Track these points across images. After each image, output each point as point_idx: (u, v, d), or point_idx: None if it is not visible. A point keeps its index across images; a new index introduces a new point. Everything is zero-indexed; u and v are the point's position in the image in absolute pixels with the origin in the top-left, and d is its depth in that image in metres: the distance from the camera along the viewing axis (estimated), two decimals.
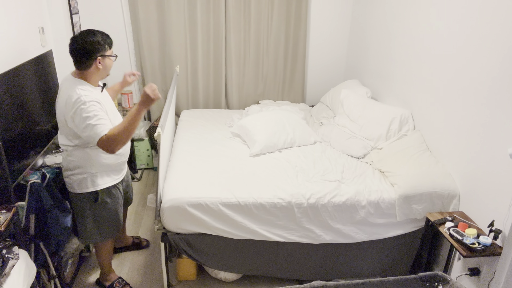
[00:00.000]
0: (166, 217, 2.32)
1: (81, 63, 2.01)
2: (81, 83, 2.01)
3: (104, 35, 2.06)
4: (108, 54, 2.06)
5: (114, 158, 2.20)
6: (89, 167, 2.13)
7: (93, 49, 1.98)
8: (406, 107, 3.04)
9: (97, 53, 2.00)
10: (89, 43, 1.97)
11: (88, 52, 1.97)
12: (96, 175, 2.16)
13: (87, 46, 1.97)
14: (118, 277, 2.56)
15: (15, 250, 1.72)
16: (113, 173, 2.25)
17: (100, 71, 2.06)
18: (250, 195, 2.38)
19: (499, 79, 2.06)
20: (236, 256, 2.49)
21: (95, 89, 2.08)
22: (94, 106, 1.94)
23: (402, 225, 2.49)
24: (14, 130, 2.18)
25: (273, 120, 3.18)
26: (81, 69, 2.03)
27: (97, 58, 2.01)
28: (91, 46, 1.97)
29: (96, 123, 1.93)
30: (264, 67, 4.26)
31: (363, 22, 3.89)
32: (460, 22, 2.40)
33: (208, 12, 3.93)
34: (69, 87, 1.99)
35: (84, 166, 2.13)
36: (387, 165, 2.69)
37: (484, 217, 2.15)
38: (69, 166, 2.14)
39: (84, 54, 1.98)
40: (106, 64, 2.06)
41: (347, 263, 2.58)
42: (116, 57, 2.13)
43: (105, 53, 2.04)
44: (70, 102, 1.94)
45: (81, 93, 1.95)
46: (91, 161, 2.12)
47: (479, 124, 2.21)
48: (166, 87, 4.16)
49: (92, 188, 2.17)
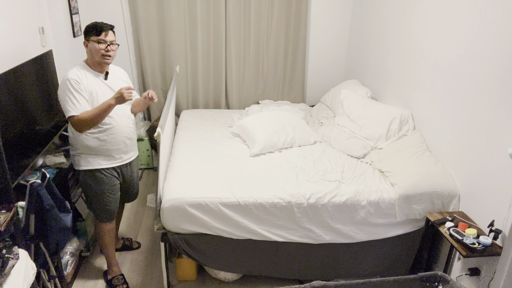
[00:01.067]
0: (166, 217, 2.32)
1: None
2: (81, 65, 2.26)
3: (97, 23, 2.23)
4: (92, 40, 2.21)
5: (97, 142, 2.29)
6: (77, 146, 2.32)
7: (85, 33, 2.23)
8: (406, 107, 3.04)
9: (85, 36, 2.23)
10: (86, 27, 2.24)
11: (85, 33, 2.23)
12: (80, 155, 2.33)
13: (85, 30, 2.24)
14: (120, 274, 2.58)
15: (15, 250, 1.72)
16: (99, 158, 2.33)
17: (91, 54, 2.24)
18: (250, 195, 2.38)
19: (499, 79, 2.06)
20: (236, 256, 2.49)
21: (95, 74, 2.27)
22: (75, 84, 2.15)
23: (402, 225, 2.49)
24: (14, 130, 2.18)
25: (273, 120, 3.18)
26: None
27: (84, 42, 2.24)
28: (85, 30, 2.23)
29: (69, 102, 2.14)
30: (264, 67, 4.26)
31: (363, 22, 3.89)
32: (460, 22, 2.40)
33: (208, 12, 3.93)
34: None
35: (74, 144, 2.33)
36: (387, 165, 2.69)
37: (484, 217, 2.15)
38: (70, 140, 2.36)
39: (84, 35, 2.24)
40: (91, 47, 2.22)
41: (347, 263, 2.58)
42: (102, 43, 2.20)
43: (90, 38, 2.21)
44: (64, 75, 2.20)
45: (72, 70, 2.19)
46: (77, 140, 2.29)
47: (479, 124, 2.21)
48: (166, 87, 4.16)
49: (77, 167, 2.35)
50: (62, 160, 2.59)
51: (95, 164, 2.33)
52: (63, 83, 2.16)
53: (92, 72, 2.25)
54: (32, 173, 2.34)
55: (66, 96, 2.14)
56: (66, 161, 2.59)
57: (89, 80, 2.22)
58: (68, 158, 2.60)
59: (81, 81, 2.17)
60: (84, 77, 2.20)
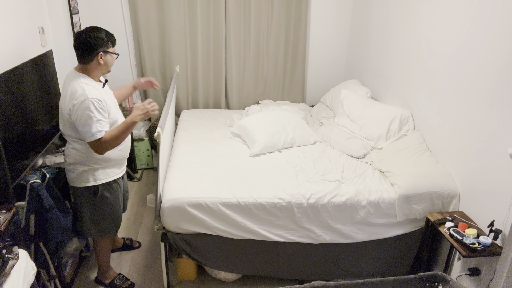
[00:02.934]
0: (166, 217, 2.32)
1: (83, 57, 2.07)
2: (84, 77, 2.07)
3: (109, 34, 2.12)
4: (110, 51, 2.12)
5: (117, 153, 2.22)
6: (92, 161, 2.16)
7: (96, 44, 2.04)
8: (406, 107, 3.04)
9: (99, 48, 2.06)
10: (93, 38, 2.04)
11: (91, 46, 2.04)
12: (97, 169, 2.19)
13: (91, 41, 2.03)
14: (118, 274, 2.57)
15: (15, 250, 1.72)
16: (114, 167, 2.27)
17: (101, 66, 2.11)
18: (250, 195, 2.38)
19: (499, 79, 2.06)
20: (236, 256, 2.49)
21: (97, 84, 2.13)
22: (98, 104, 2.00)
23: (402, 225, 2.49)
24: (14, 130, 2.18)
25: (273, 120, 3.18)
26: (83, 63, 2.09)
27: (99, 53, 2.06)
28: (94, 41, 2.04)
29: (95, 124, 1.99)
30: (264, 67, 4.26)
31: (363, 22, 3.89)
32: (460, 21, 2.40)
33: (208, 12, 3.93)
34: (73, 80, 2.05)
35: (86, 159, 2.15)
36: (387, 165, 2.69)
37: (484, 217, 2.15)
38: (72, 158, 2.17)
39: (87, 48, 2.04)
40: (107, 60, 2.12)
41: (347, 263, 2.58)
42: (118, 55, 2.19)
43: (107, 49, 2.10)
44: (74, 95, 1.99)
45: (85, 87, 2.00)
46: (90, 157, 2.14)
47: (479, 124, 2.21)
48: (166, 87, 4.16)
49: (93, 182, 2.19)
50: (62, 160, 2.58)
51: (112, 175, 2.25)
52: (84, 104, 1.95)
53: (95, 82, 2.11)
54: (32, 173, 2.34)
55: (89, 119, 1.96)
56: None
57: (101, 92, 2.07)
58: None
59: (102, 99, 2.02)
60: (98, 92, 2.04)
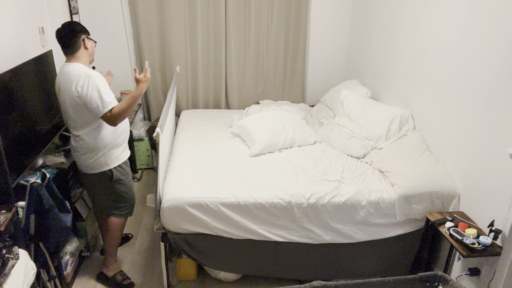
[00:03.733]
0: (166, 217, 2.32)
1: (70, 45, 2.19)
2: (78, 64, 2.20)
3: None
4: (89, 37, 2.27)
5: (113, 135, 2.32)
6: (100, 147, 2.28)
7: (79, 29, 2.21)
8: (406, 107, 3.04)
9: (83, 33, 2.22)
10: (76, 25, 2.22)
11: (76, 31, 2.19)
12: (105, 155, 2.32)
13: (75, 27, 2.20)
14: (120, 270, 2.59)
15: (15, 250, 1.72)
16: (119, 150, 2.39)
17: (88, 52, 2.25)
18: (250, 195, 2.38)
19: (499, 79, 2.06)
20: (236, 256, 2.49)
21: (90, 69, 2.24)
22: (101, 79, 2.15)
23: (402, 225, 2.49)
24: (14, 130, 2.18)
25: (273, 120, 3.18)
26: (70, 53, 2.21)
27: (83, 38, 2.21)
28: (76, 27, 2.21)
29: (105, 97, 2.13)
30: (264, 67, 4.26)
31: (363, 22, 3.89)
32: (460, 21, 2.40)
33: (208, 12, 3.93)
34: (70, 70, 2.16)
35: (95, 147, 2.28)
36: (387, 165, 2.69)
37: (484, 217, 2.15)
38: (82, 149, 2.29)
39: (73, 34, 2.18)
40: (91, 45, 2.27)
41: (347, 263, 2.58)
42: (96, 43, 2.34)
43: (88, 35, 2.26)
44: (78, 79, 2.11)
45: (85, 69, 2.15)
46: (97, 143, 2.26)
47: (479, 124, 2.21)
48: (166, 87, 4.16)
49: (106, 167, 2.34)
50: (62, 160, 2.58)
51: (121, 158, 2.40)
52: (90, 81, 2.10)
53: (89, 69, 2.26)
54: (32, 173, 2.34)
55: (98, 92, 2.11)
56: (66, 161, 2.59)
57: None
58: (68, 158, 2.60)
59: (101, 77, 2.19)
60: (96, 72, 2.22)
